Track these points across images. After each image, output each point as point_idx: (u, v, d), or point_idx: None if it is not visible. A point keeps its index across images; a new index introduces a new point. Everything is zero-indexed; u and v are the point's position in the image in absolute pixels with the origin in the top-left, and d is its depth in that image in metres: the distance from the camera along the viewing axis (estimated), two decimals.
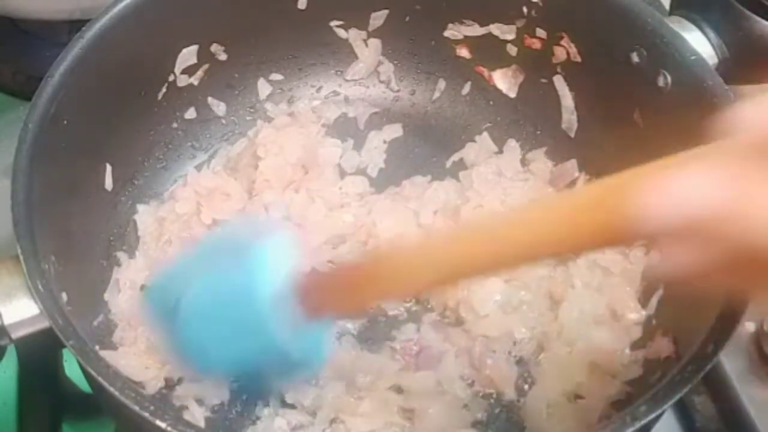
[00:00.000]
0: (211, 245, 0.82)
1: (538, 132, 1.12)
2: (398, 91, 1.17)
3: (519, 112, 1.13)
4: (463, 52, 1.12)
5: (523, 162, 1.11)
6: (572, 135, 1.08)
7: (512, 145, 1.12)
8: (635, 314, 0.95)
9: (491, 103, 1.14)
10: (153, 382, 0.92)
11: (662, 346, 0.89)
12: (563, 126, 1.09)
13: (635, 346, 0.94)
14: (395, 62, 1.16)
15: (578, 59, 1.04)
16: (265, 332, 0.71)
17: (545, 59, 1.07)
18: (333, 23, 1.11)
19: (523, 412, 0.93)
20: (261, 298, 0.71)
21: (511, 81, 1.12)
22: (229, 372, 0.85)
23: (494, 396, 0.94)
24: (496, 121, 1.14)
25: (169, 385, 0.93)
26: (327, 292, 0.72)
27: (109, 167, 0.99)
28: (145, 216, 1.04)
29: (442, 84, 1.15)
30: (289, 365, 0.76)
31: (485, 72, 1.13)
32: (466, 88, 1.15)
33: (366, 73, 1.16)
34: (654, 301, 0.94)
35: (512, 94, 1.13)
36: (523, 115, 1.13)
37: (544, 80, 1.09)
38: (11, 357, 0.99)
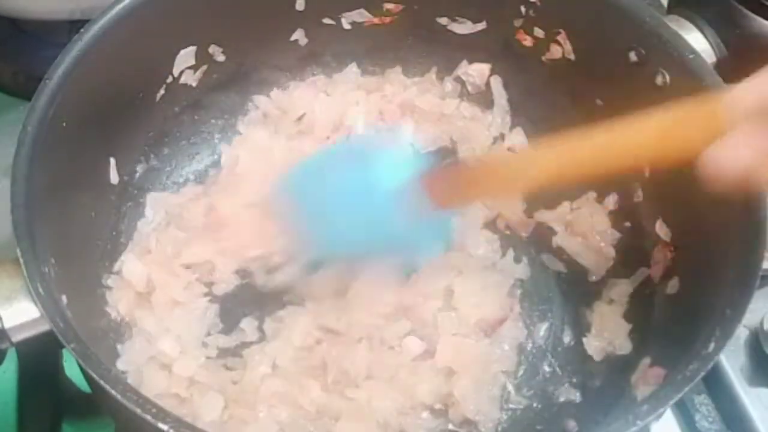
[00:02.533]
0: (342, 147, 0.96)
1: None
2: None
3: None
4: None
5: None
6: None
7: None
8: None
9: None
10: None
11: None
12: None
13: None
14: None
15: (572, 57, 1.04)
16: (394, 217, 0.83)
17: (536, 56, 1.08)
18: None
19: None
20: (391, 189, 0.83)
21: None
22: (356, 252, 0.93)
23: None
24: None
25: None
26: (453, 186, 0.84)
27: (113, 160, 0.99)
28: (144, 217, 1.04)
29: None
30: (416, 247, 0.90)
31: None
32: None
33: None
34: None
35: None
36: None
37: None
38: (11, 357, 0.99)
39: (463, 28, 1.11)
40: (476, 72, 1.14)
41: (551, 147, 0.79)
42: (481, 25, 1.10)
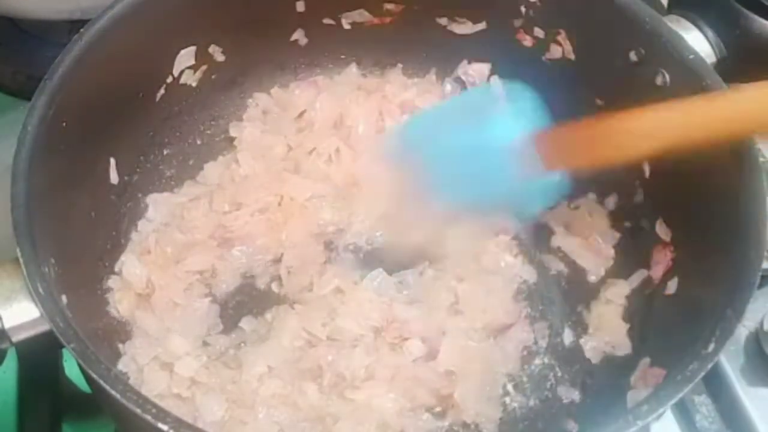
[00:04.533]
0: (459, 100, 0.96)
1: None
2: None
3: None
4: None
5: None
6: None
7: None
8: None
9: None
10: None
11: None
12: None
13: None
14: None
15: (572, 57, 1.04)
16: (503, 172, 0.84)
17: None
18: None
19: None
20: (504, 144, 0.84)
21: None
22: (464, 203, 0.92)
23: None
24: None
25: None
26: (566, 146, 0.84)
27: (113, 161, 0.99)
28: (143, 218, 1.05)
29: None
30: (520, 200, 0.89)
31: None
32: None
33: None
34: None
35: None
36: None
37: None
38: (11, 357, 0.99)
39: (463, 28, 1.11)
40: (476, 72, 1.14)
41: (673, 109, 0.78)
42: (481, 26, 1.10)
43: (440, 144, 0.90)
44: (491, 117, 0.86)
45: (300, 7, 1.08)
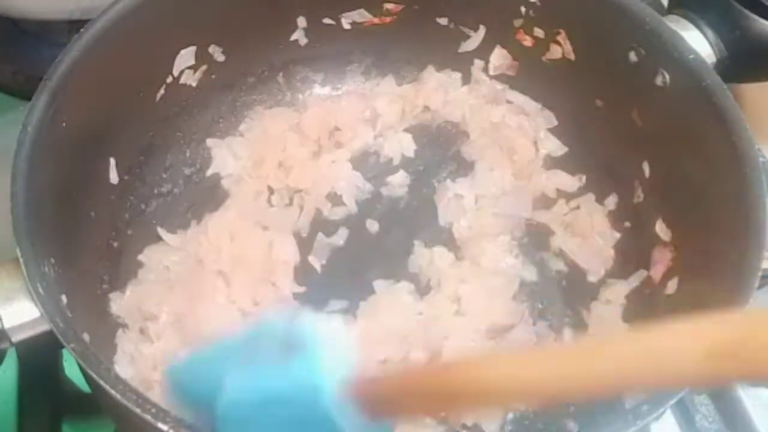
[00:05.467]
0: (253, 334, 0.71)
1: None
2: None
3: None
4: None
5: None
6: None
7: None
8: None
9: None
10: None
11: None
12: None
13: None
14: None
15: (572, 57, 1.04)
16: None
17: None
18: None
19: None
20: (313, 397, 0.63)
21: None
22: None
23: None
24: None
25: None
26: (391, 397, 0.63)
27: (113, 161, 0.99)
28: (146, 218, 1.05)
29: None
30: None
31: None
32: None
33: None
34: None
35: None
36: None
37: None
38: (11, 357, 0.99)
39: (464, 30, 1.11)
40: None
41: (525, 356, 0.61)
42: (482, 28, 1.10)
43: (237, 391, 0.67)
44: (295, 367, 0.65)
45: (300, 7, 1.08)
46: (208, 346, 0.74)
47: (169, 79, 1.04)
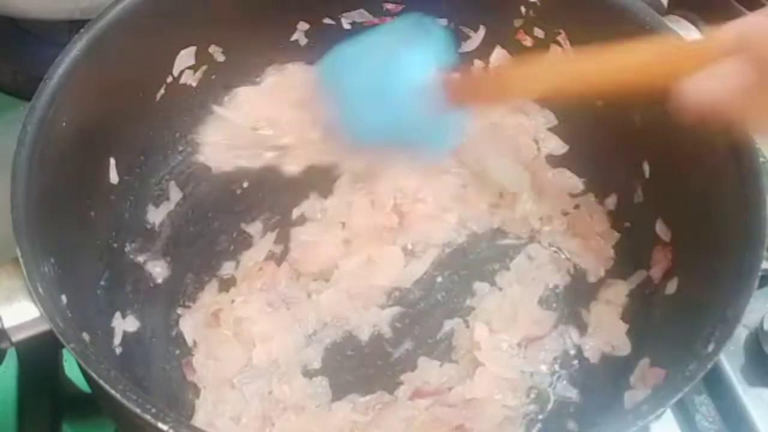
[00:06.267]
0: (372, 38, 0.92)
1: None
2: None
3: None
4: None
5: None
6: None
7: None
8: None
9: None
10: None
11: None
12: None
13: None
14: None
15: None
16: (410, 109, 0.86)
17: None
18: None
19: None
20: (411, 83, 0.86)
21: None
22: (373, 140, 0.93)
23: None
24: None
25: None
26: (472, 87, 0.90)
27: (113, 161, 0.99)
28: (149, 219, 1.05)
29: None
30: (423, 141, 0.92)
31: None
32: None
33: None
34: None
35: None
36: None
37: None
38: (11, 357, 0.99)
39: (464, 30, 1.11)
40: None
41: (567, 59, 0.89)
42: (482, 28, 1.10)
43: (352, 80, 0.91)
44: (401, 55, 0.88)
45: (300, 7, 1.07)
46: (340, 48, 0.94)
47: (169, 79, 1.04)
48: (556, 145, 1.11)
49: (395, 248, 1.06)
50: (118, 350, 0.95)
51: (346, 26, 1.11)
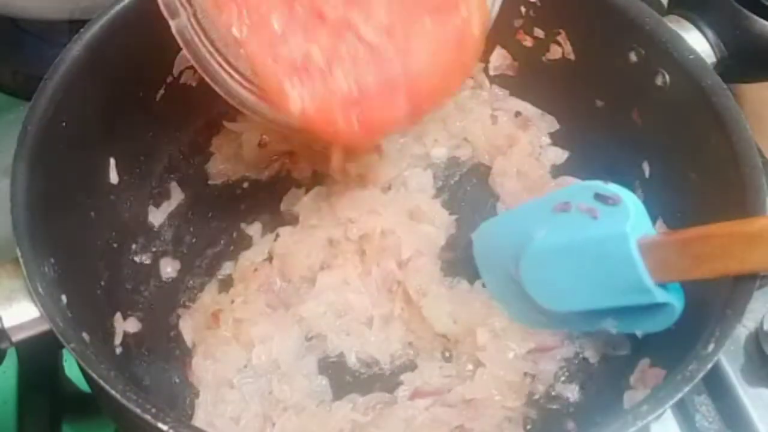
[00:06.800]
0: (563, 193, 0.89)
1: None
2: None
3: None
4: None
5: None
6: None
7: None
8: None
9: None
10: None
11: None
12: None
13: None
14: None
15: (572, 57, 1.05)
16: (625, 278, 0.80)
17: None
18: None
19: None
20: (619, 244, 0.80)
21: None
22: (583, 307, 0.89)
23: None
24: None
25: None
26: (676, 255, 0.78)
27: (113, 161, 0.99)
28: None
29: None
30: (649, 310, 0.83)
31: None
32: None
33: None
34: None
35: None
36: None
37: None
38: (11, 357, 0.99)
39: None
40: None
41: None
42: None
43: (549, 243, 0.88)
44: (599, 222, 0.83)
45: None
46: (516, 209, 0.94)
47: (169, 79, 1.04)
48: (556, 155, 1.11)
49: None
50: (118, 350, 0.96)
51: None
